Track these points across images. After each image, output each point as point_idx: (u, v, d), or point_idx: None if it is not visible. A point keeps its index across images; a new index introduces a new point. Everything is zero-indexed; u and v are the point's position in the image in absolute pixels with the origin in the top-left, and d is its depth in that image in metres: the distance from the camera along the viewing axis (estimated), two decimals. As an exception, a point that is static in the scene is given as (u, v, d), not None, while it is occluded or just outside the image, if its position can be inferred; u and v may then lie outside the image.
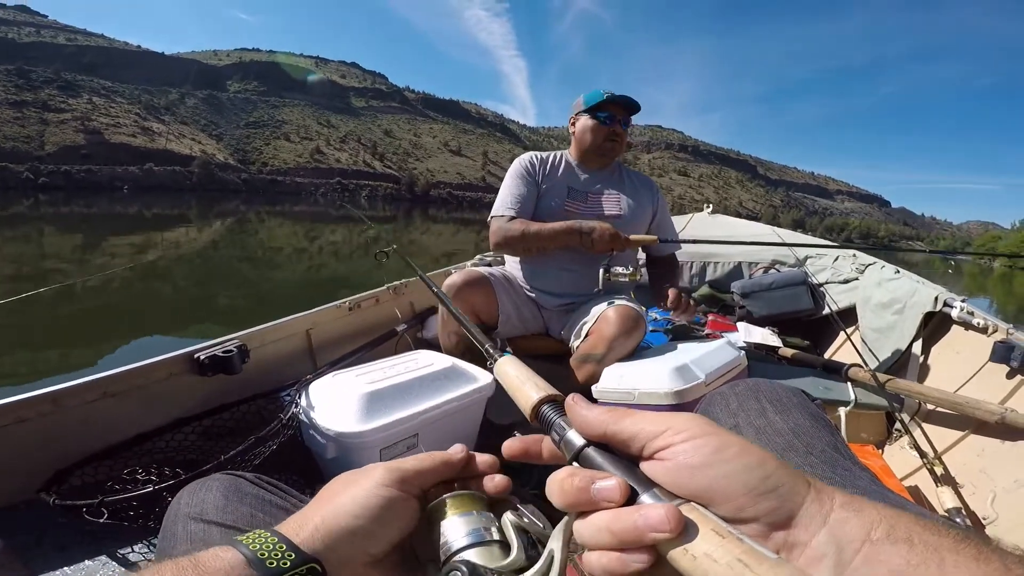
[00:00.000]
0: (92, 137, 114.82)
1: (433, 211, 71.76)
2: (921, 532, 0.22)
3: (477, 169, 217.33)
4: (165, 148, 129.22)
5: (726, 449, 0.25)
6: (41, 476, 0.97)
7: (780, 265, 2.77)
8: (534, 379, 0.38)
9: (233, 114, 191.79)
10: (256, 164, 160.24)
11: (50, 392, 0.99)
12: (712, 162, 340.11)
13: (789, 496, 0.24)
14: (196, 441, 1.15)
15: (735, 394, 0.57)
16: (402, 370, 1.18)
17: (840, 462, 0.48)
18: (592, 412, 0.30)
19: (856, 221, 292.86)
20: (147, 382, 1.14)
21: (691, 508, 0.24)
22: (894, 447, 1.41)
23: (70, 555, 0.89)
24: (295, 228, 21.36)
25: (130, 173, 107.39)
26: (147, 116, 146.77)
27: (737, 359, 1.30)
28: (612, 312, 1.36)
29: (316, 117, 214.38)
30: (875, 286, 2.15)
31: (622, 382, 1.22)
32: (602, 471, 0.27)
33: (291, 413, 1.10)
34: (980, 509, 1.06)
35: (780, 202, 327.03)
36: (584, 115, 1.61)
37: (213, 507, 0.47)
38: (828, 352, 2.27)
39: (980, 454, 1.21)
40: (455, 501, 0.37)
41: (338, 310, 1.73)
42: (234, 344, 1.27)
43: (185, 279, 8.01)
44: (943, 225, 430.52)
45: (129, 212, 26.46)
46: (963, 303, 1.66)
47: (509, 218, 1.56)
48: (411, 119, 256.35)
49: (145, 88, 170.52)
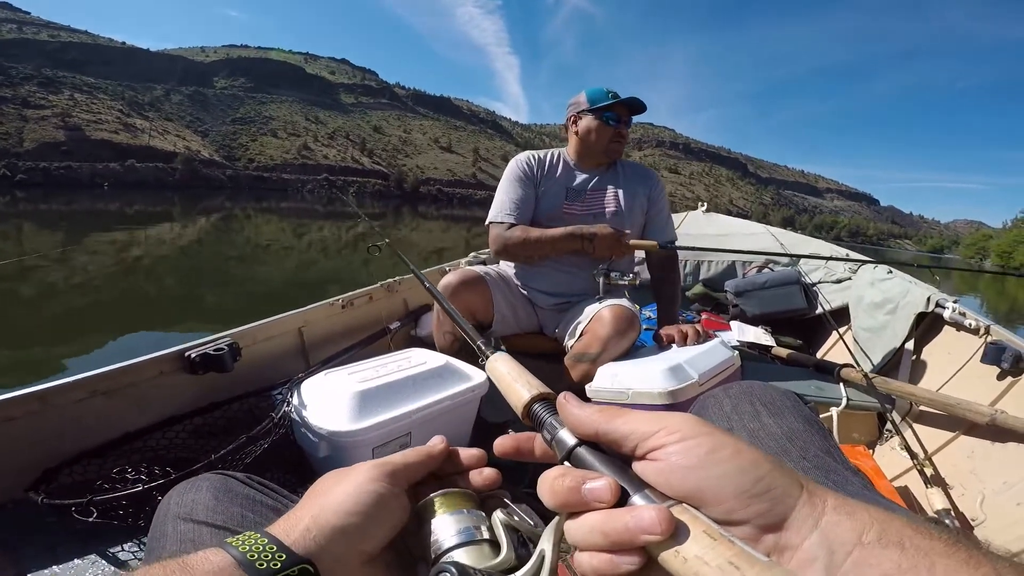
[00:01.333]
0: (73, 134, 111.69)
1: (423, 208, 71.28)
2: (912, 536, 0.22)
3: (468, 166, 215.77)
4: (148, 145, 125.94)
5: (720, 450, 0.25)
6: (29, 475, 0.95)
7: (774, 264, 2.78)
8: (526, 377, 0.38)
9: (219, 110, 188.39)
10: (242, 160, 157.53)
11: (38, 391, 0.98)
12: (703, 160, 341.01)
13: (782, 498, 0.23)
14: (187, 440, 1.14)
15: (729, 396, 0.57)
16: (395, 368, 1.18)
17: (833, 467, 0.48)
18: (584, 411, 0.30)
19: (845, 219, 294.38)
20: (137, 380, 1.13)
21: (683, 509, 0.24)
22: (885, 448, 1.42)
23: (59, 554, 0.88)
24: (282, 225, 21.01)
25: (111, 170, 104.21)
26: (130, 112, 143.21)
27: (730, 359, 1.30)
28: (607, 312, 1.36)
29: (304, 113, 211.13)
30: (868, 286, 2.16)
31: (616, 381, 1.22)
32: (593, 471, 0.27)
33: (283, 412, 1.09)
34: (969, 510, 1.06)
35: (770, 200, 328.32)
36: (588, 115, 1.57)
37: (203, 507, 0.46)
38: (821, 352, 2.28)
39: (970, 455, 1.21)
40: (445, 499, 0.36)
41: (331, 308, 1.71)
42: (225, 342, 1.26)
43: (171, 276, 7.87)
44: (931, 224, 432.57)
45: (110, 209, 25.80)
46: (955, 303, 1.66)
47: (508, 225, 1.54)
48: (401, 115, 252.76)
49: (129, 85, 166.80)
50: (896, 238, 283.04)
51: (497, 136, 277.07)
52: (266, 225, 20.83)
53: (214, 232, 16.18)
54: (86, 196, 41.79)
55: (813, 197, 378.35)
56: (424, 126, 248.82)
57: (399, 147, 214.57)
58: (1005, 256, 76.01)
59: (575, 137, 1.62)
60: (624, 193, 1.60)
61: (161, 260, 9.54)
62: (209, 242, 13.44)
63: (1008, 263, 70.72)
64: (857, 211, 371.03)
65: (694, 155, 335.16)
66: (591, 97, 1.57)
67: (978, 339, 1.50)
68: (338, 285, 7.57)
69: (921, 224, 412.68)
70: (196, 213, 25.14)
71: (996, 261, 75.68)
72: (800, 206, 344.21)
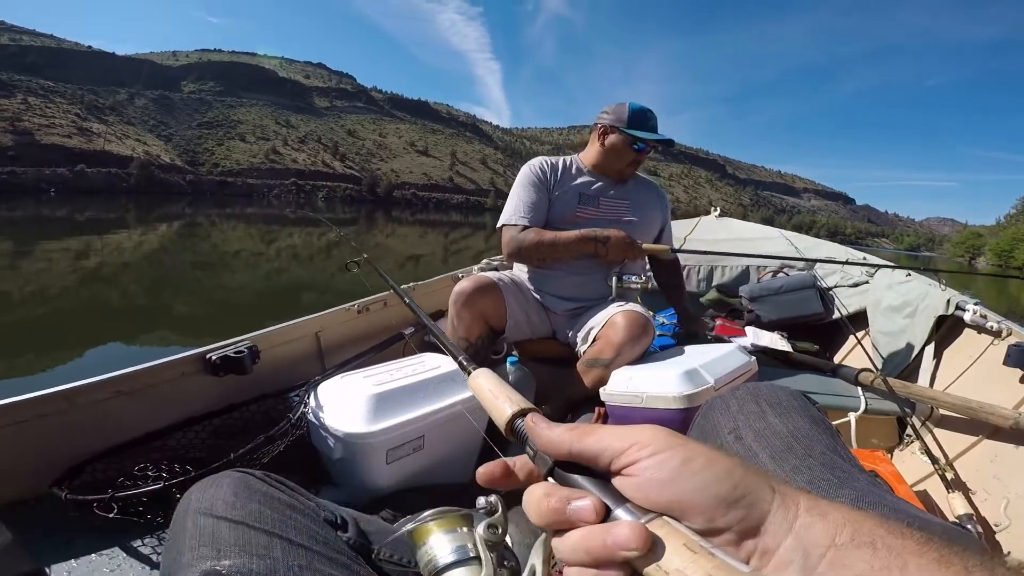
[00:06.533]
0: (21, 138, 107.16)
1: (397, 213, 70.35)
2: (885, 536, 0.22)
3: (444, 169, 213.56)
4: (103, 149, 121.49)
5: (692, 461, 0.25)
6: (54, 472, 0.98)
7: (789, 269, 2.73)
8: (507, 392, 0.37)
9: (185, 114, 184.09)
10: (206, 165, 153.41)
11: (65, 389, 1.01)
12: (682, 162, 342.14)
13: (756, 504, 0.24)
14: (206, 439, 1.16)
15: (735, 397, 0.58)
16: (409, 372, 1.18)
17: (839, 464, 0.48)
18: (554, 432, 0.30)
19: (823, 219, 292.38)
20: (159, 381, 1.16)
21: (663, 522, 0.24)
22: (905, 452, 1.40)
23: (78, 548, 0.90)
24: (249, 231, 20.27)
25: (59, 175, 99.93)
26: (87, 116, 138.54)
27: (747, 364, 1.29)
28: (620, 317, 1.36)
29: (275, 117, 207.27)
30: (885, 289, 2.13)
31: (631, 385, 1.21)
32: (576, 487, 0.27)
33: (300, 413, 1.11)
34: (992, 515, 1.04)
35: (749, 201, 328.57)
36: (621, 134, 1.58)
37: (223, 503, 0.48)
38: (838, 356, 2.24)
39: (993, 459, 1.18)
40: (440, 520, 0.38)
41: (347, 313, 1.74)
42: (245, 345, 1.29)
43: (134, 285, 7.50)
44: (906, 222, 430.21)
45: (58, 215, 24.60)
46: (976, 306, 1.62)
47: (522, 228, 1.54)
48: (377, 119, 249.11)
49: (91, 88, 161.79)
50: (874, 236, 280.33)
51: (476, 139, 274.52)
52: (232, 232, 20.08)
53: (178, 240, 15.52)
54: (30, 202, 39.66)
55: (791, 197, 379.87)
56: (400, 130, 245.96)
57: (373, 151, 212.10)
58: (1004, 256, 70.47)
59: (599, 145, 1.63)
60: (639, 204, 1.64)
61: (123, 268, 9.06)
62: (174, 250, 12.90)
63: (1008, 263, 65.64)
64: (834, 210, 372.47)
65: (673, 157, 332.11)
66: (632, 119, 1.57)
67: (1000, 341, 1.47)
68: (314, 292, 7.39)
69: (896, 222, 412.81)
70: (152, 220, 24.05)
71: (993, 261, 70.62)
72: (778, 206, 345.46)
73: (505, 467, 0.32)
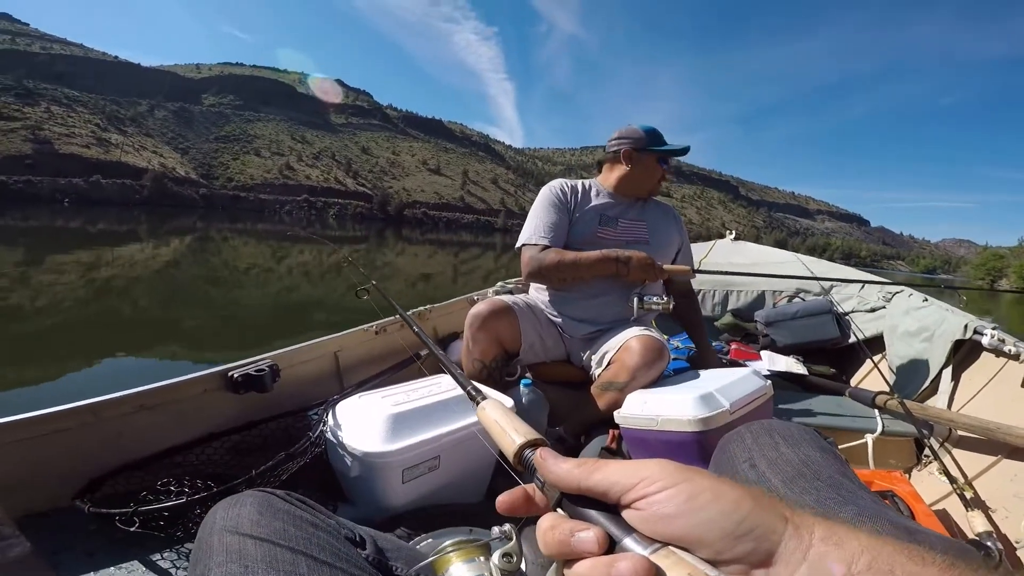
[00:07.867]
0: (41, 147, 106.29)
1: (407, 231, 70.83)
2: (904, 563, 0.22)
3: (456, 188, 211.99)
4: (119, 160, 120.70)
5: (699, 496, 0.25)
6: (77, 484, 1.00)
7: (804, 293, 2.73)
8: (515, 424, 0.38)
9: (204, 127, 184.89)
10: (220, 179, 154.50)
11: (90, 404, 1.02)
12: (694, 183, 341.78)
13: (766, 535, 0.24)
14: (225, 456, 1.18)
15: (751, 432, 0.63)
16: (425, 393, 1.20)
17: (845, 484, 0.52)
18: (562, 468, 0.30)
19: (838, 241, 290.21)
20: (182, 397, 1.18)
21: (669, 552, 0.24)
22: (923, 472, 1.39)
23: (98, 561, 0.91)
24: (260, 247, 20.39)
25: (73, 185, 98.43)
26: (107, 127, 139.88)
27: (763, 388, 1.29)
28: (635, 342, 1.36)
29: (291, 132, 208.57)
30: (903, 314, 2.12)
31: (645, 408, 1.21)
32: (583, 519, 0.28)
33: (319, 431, 1.12)
34: (1013, 533, 1.04)
35: (762, 223, 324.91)
36: (648, 154, 1.64)
37: (248, 521, 0.49)
38: (855, 380, 2.23)
39: (1013, 479, 1.18)
40: (460, 550, 0.39)
41: (365, 333, 1.77)
42: (266, 363, 1.31)
43: (145, 299, 7.55)
44: (921, 244, 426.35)
45: (71, 226, 24.00)
46: (994, 330, 1.63)
47: (542, 247, 1.55)
48: (391, 137, 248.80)
49: (113, 99, 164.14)
50: (889, 259, 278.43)
51: (488, 159, 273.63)
52: (244, 248, 20.19)
53: (190, 255, 15.63)
54: (45, 212, 40.18)
55: (804, 219, 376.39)
56: (413, 147, 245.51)
57: (386, 168, 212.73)
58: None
59: (623, 168, 1.66)
60: (657, 225, 1.67)
61: (135, 282, 9.18)
62: (186, 264, 12.99)
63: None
64: (848, 232, 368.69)
65: (685, 178, 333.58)
66: (650, 137, 1.63)
67: (1019, 364, 1.47)
68: (324, 311, 7.40)
69: (912, 244, 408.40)
70: (164, 233, 23.99)
71: (1017, 283, 67.14)
72: (792, 228, 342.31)
73: (525, 494, 0.33)
